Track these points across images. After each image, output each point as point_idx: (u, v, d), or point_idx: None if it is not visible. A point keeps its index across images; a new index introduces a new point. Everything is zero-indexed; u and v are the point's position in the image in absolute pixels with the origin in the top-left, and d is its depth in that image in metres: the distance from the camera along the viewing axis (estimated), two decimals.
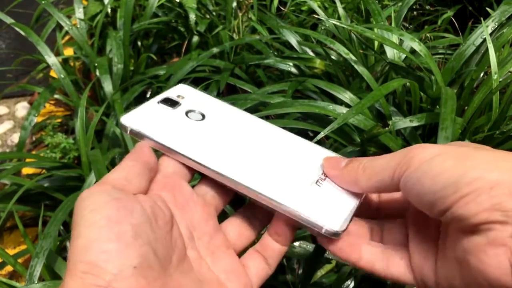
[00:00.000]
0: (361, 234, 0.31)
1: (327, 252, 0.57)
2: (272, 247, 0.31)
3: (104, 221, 0.24)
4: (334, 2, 0.97)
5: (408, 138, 0.68)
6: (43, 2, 1.03)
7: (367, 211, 0.33)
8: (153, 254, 0.25)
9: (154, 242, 0.25)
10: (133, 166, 0.29)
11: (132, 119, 0.31)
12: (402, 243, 0.30)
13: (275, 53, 1.00)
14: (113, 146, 0.87)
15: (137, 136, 0.31)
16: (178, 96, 0.35)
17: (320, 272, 0.66)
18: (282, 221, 0.30)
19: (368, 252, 0.30)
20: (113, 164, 0.83)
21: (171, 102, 0.34)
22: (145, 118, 0.32)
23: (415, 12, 1.20)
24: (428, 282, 0.28)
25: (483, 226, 0.23)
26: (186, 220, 0.29)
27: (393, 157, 0.27)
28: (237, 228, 0.32)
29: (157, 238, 0.26)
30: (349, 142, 0.68)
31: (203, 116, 0.33)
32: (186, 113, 0.33)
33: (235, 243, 0.32)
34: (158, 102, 0.34)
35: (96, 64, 0.97)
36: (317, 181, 0.30)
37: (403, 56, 0.78)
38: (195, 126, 0.32)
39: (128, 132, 0.31)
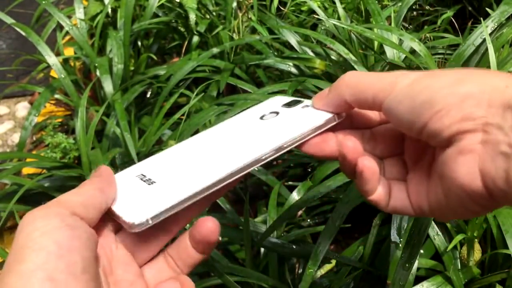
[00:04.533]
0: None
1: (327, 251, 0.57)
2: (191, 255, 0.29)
3: (54, 246, 0.22)
4: (334, 2, 0.97)
5: None
6: (43, 2, 1.03)
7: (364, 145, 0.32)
8: None
9: (96, 280, 0.24)
10: (92, 195, 0.27)
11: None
12: (401, 176, 0.31)
13: (275, 53, 1.00)
14: (113, 146, 0.88)
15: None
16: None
17: (320, 272, 0.66)
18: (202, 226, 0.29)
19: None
20: (113, 164, 0.84)
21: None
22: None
23: (415, 12, 1.20)
24: (424, 208, 0.28)
25: (455, 137, 0.24)
26: (104, 262, 0.27)
27: (379, 81, 0.28)
28: (158, 275, 0.29)
29: (97, 277, 0.25)
30: None
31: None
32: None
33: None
34: None
35: (96, 64, 0.97)
36: None
37: (403, 56, 0.78)
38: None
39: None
